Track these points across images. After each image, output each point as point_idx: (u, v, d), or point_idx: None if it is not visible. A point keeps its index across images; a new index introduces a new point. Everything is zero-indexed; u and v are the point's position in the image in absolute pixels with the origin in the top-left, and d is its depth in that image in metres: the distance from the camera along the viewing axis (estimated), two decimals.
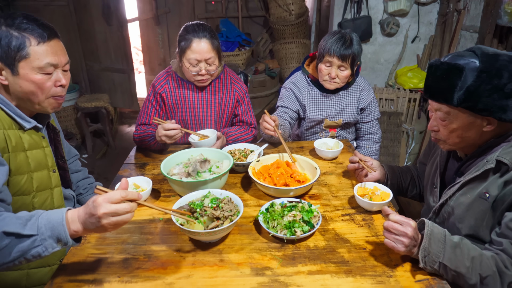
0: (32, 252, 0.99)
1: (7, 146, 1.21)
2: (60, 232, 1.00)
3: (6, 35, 1.16)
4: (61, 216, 1.01)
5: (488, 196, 1.20)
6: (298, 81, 2.21)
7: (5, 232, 0.98)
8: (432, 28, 3.78)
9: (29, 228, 0.99)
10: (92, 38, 4.58)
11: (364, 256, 1.23)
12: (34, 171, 1.31)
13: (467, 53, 1.20)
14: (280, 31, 4.62)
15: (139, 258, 1.24)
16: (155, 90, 2.01)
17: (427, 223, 1.16)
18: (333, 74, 2.01)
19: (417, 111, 3.77)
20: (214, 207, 1.30)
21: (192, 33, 1.84)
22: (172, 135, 1.74)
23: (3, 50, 1.17)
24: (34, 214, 1.03)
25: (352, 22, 3.65)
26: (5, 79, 1.21)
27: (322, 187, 1.66)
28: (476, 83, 1.13)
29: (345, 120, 2.20)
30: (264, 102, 4.55)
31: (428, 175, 1.54)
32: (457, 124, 1.23)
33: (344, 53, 1.94)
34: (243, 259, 1.22)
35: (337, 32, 1.99)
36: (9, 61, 1.18)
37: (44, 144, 1.37)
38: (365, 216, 1.45)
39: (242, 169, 1.77)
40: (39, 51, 1.20)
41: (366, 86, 2.22)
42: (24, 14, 1.21)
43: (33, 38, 1.19)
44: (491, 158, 1.21)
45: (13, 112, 1.25)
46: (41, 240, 0.99)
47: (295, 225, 1.29)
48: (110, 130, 4.41)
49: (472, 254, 1.13)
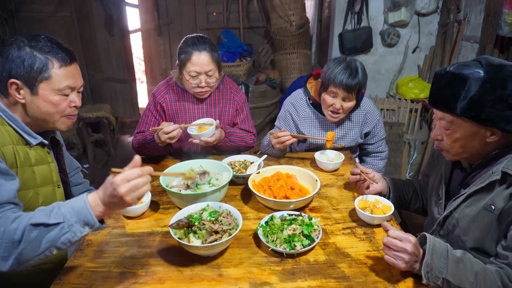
0: (62, 240, 1.02)
1: (15, 161, 1.23)
2: (86, 215, 1.03)
3: (30, 56, 1.20)
4: (83, 201, 1.04)
5: (494, 208, 1.18)
6: (297, 102, 2.13)
7: (32, 224, 1.01)
8: (432, 38, 3.79)
9: (54, 217, 1.02)
10: (94, 48, 4.62)
11: (365, 271, 1.21)
12: (40, 187, 1.33)
13: (472, 63, 1.19)
14: (281, 41, 4.64)
15: (137, 272, 1.22)
16: (155, 100, 2.01)
17: (428, 237, 1.14)
18: (338, 105, 1.90)
19: (419, 121, 3.76)
20: (212, 220, 1.28)
21: (192, 45, 1.85)
22: (174, 135, 1.76)
23: (26, 70, 1.20)
24: (54, 206, 1.05)
25: (352, 33, 3.66)
26: (22, 98, 1.24)
27: (322, 200, 1.64)
28: (479, 93, 1.13)
29: (347, 144, 2.14)
30: (265, 113, 4.55)
31: (432, 186, 1.52)
32: (460, 133, 1.22)
33: (350, 84, 1.83)
34: (241, 274, 1.20)
35: (342, 61, 1.89)
36: (30, 81, 1.21)
37: (49, 159, 1.38)
38: (366, 230, 1.43)
39: (242, 181, 1.75)
40: (60, 74, 1.24)
41: (371, 108, 2.10)
42: (48, 37, 1.25)
43: (56, 61, 1.23)
44: (497, 169, 1.19)
45: (21, 128, 1.27)
46: (69, 226, 1.02)
47: (295, 239, 1.27)
48: (112, 140, 4.41)
49: (475, 269, 1.10)
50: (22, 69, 1.20)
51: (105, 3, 4.30)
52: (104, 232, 1.42)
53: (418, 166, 3.78)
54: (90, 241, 1.37)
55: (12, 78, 1.20)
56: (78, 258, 1.28)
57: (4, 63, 1.21)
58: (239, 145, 2.07)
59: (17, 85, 1.21)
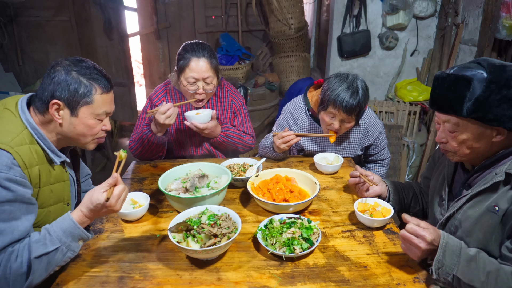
0: (64, 258, 1.17)
1: (39, 182, 1.27)
2: (80, 233, 1.17)
3: (76, 81, 1.25)
4: (71, 221, 1.16)
5: (498, 210, 1.18)
6: (296, 111, 2.09)
7: (36, 257, 1.11)
8: (431, 41, 3.80)
9: (51, 244, 1.13)
10: (93, 52, 4.61)
11: (365, 275, 1.20)
12: (53, 205, 1.36)
13: (472, 65, 1.20)
14: (280, 45, 4.65)
15: (135, 277, 1.21)
16: (152, 103, 2.01)
17: (442, 234, 1.15)
18: (336, 126, 1.87)
19: (418, 124, 3.77)
20: (211, 224, 1.27)
21: (191, 52, 1.84)
22: (171, 113, 1.76)
23: (70, 94, 1.25)
24: (44, 233, 1.15)
25: (351, 36, 3.67)
26: (61, 118, 1.27)
27: (322, 203, 1.64)
28: (485, 93, 1.14)
29: (346, 156, 2.12)
30: (263, 115, 4.55)
31: (434, 188, 1.52)
32: (467, 135, 1.22)
33: (350, 107, 1.78)
34: (240, 278, 1.20)
35: (343, 79, 1.83)
36: (73, 104, 1.26)
37: (65, 177, 1.40)
38: (366, 233, 1.42)
39: (241, 184, 1.75)
40: (100, 100, 1.30)
41: (372, 121, 2.05)
42: (93, 64, 1.31)
43: (99, 88, 1.29)
44: (500, 170, 1.19)
45: (48, 146, 1.29)
46: (67, 247, 1.15)
47: (294, 242, 1.27)
48: (110, 143, 4.41)
49: (488, 268, 1.11)
50: (66, 92, 1.24)
51: (104, 7, 4.30)
52: (102, 236, 1.41)
53: (417, 169, 3.78)
54: (88, 245, 1.36)
55: (55, 99, 1.23)
56: (76, 262, 1.27)
57: (48, 84, 1.24)
58: (236, 142, 2.05)
59: (59, 105, 1.25)
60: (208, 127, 1.85)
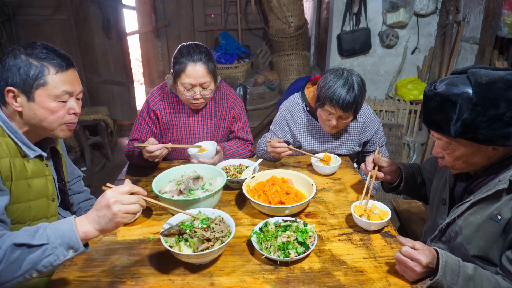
0: (43, 262, 0.99)
1: (11, 174, 1.22)
2: (72, 238, 1.01)
3: (26, 64, 1.20)
4: (70, 223, 1.03)
5: (500, 219, 1.14)
6: (294, 108, 2.07)
7: (15, 244, 0.99)
8: (431, 39, 3.76)
9: (39, 238, 1.00)
10: (92, 51, 4.60)
11: (361, 280, 1.18)
12: (33, 200, 1.31)
13: (460, 80, 1.15)
14: (280, 43, 4.61)
15: (126, 281, 1.18)
16: (148, 107, 1.97)
17: (440, 254, 1.12)
18: (333, 122, 1.85)
19: (418, 123, 3.73)
20: (204, 228, 1.25)
21: (187, 56, 1.77)
22: (157, 155, 1.72)
23: (22, 78, 1.19)
24: (40, 226, 1.04)
25: (351, 34, 3.64)
26: (19, 106, 1.23)
27: (318, 205, 1.61)
28: (471, 116, 1.09)
29: (344, 153, 2.10)
30: (263, 114, 4.52)
31: (435, 190, 1.49)
32: (460, 152, 1.20)
33: (347, 104, 1.77)
34: (234, 283, 1.17)
35: (339, 75, 1.80)
36: (26, 88, 1.20)
37: (46, 172, 1.36)
38: (363, 236, 1.39)
39: (237, 185, 1.72)
40: (56, 79, 1.23)
41: (370, 116, 2.04)
42: (44, 44, 1.25)
43: (51, 67, 1.22)
44: (504, 177, 1.15)
45: (20, 140, 1.26)
46: (52, 248, 0.99)
47: (289, 246, 1.24)
48: (109, 142, 4.39)
49: (485, 287, 1.09)
50: (18, 77, 1.19)
51: (102, 6, 4.28)
52: (95, 240, 1.39)
53: None
54: None
55: (8, 86, 1.20)
56: (67, 267, 1.25)
57: (1, 72, 1.21)
58: (236, 156, 2.04)
59: (14, 92, 1.21)
60: (215, 162, 1.84)
